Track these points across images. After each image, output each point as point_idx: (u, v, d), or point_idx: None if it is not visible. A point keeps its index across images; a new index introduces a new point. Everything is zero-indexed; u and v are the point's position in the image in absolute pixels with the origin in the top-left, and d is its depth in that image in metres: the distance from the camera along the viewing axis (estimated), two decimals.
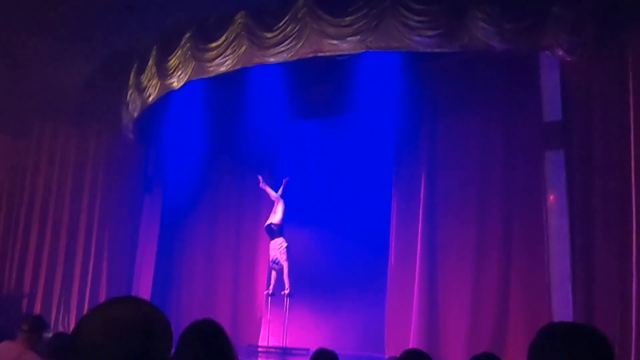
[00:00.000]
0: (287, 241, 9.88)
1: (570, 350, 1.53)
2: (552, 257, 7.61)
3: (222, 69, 8.53)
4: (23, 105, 10.88)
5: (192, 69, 8.74)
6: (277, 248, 9.83)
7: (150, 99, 9.39)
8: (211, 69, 8.60)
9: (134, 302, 1.38)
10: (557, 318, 7.16)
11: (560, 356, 1.53)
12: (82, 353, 1.30)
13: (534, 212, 8.08)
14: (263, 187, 10.20)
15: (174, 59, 8.89)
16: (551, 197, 7.77)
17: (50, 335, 5.17)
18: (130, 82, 9.80)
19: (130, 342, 1.29)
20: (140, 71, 9.51)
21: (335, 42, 7.72)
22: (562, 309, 7.34)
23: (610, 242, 6.63)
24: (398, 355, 3.27)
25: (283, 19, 7.95)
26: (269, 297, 9.98)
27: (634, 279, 6.17)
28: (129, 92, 9.83)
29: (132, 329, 1.30)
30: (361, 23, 7.47)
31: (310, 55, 8.02)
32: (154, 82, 9.22)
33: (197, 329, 2.37)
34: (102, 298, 10.39)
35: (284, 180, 10.25)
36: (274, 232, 9.93)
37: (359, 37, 7.55)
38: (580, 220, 7.10)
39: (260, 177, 10.22)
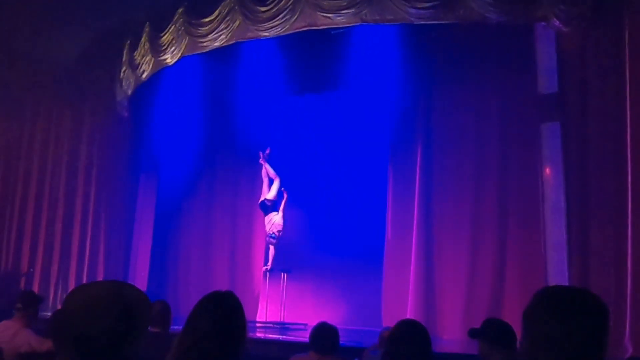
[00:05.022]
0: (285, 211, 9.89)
1: (565, 312, 1.53)
2: (548, 229, 7.61)
3: (216, 44, 8.48)
4: (16, 84, 10.78)
5: (186, 45, 8.68)
6: (271, 222, 9.85)
7: (144, 75, 9.34)
8: (205, 44, 8.54)
9: (114, 282, 1.51)
10: None
11: (554, 319, 1.52)
12: (65, 328, 1.41)
13: (530, 184, 8.08)
14: (262, 162, 10.17)
15: (167, 35, 8.82)
16: (547, 170, 7.75)
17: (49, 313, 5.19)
18: (124, 59, 9.72)
19: (109, 318, 1.39)
20: (134, 48, 9.43)
21: (329, 15, 7.65)
22: (558, 281, 7.38)
23: (606, 213, 6.63)
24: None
25: None
26: (267, 273, 10.02)
27: (629, 249, 6.18)
28: (123, 69, 9.76)
29: (110, 306, 1.41)
30: None
31: (305, 29, 7.97)
32: (147, 58, 9.16)
33: (216, 298, 2.35)
34: (100, 276, 10.40)
35: (260, 154, 10.21)
36: (268, 207, 9.95)
37: (353, 10, 7.48)
38: (576, 192, 7.09)
39: (261, 153, 10.19)
